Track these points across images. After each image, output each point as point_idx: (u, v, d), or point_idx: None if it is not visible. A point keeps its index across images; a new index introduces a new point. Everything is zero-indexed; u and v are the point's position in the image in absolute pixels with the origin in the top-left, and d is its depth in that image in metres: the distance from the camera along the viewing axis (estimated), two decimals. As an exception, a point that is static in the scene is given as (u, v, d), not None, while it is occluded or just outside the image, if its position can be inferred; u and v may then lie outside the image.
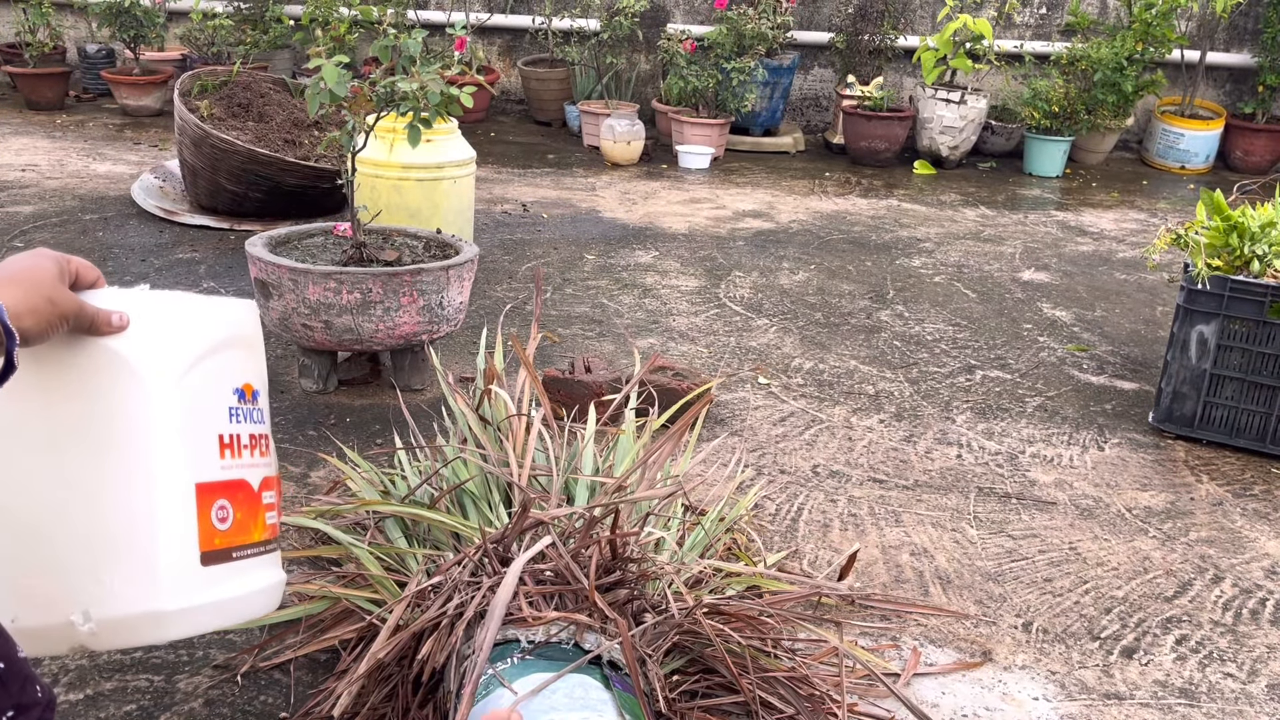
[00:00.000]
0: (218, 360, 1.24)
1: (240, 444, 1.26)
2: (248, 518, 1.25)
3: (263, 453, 1.30)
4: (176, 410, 1.19)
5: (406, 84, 2.49)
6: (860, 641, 1.90)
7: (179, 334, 1.22)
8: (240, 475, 1.25)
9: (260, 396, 1.31)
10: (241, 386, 1.27)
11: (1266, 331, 2.65)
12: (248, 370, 1.29)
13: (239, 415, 1.26)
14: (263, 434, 1.31)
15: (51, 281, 1.08)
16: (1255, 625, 2.03)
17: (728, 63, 6.12)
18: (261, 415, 1.30)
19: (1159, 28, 6.08)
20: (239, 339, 1.29)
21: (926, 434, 2.78)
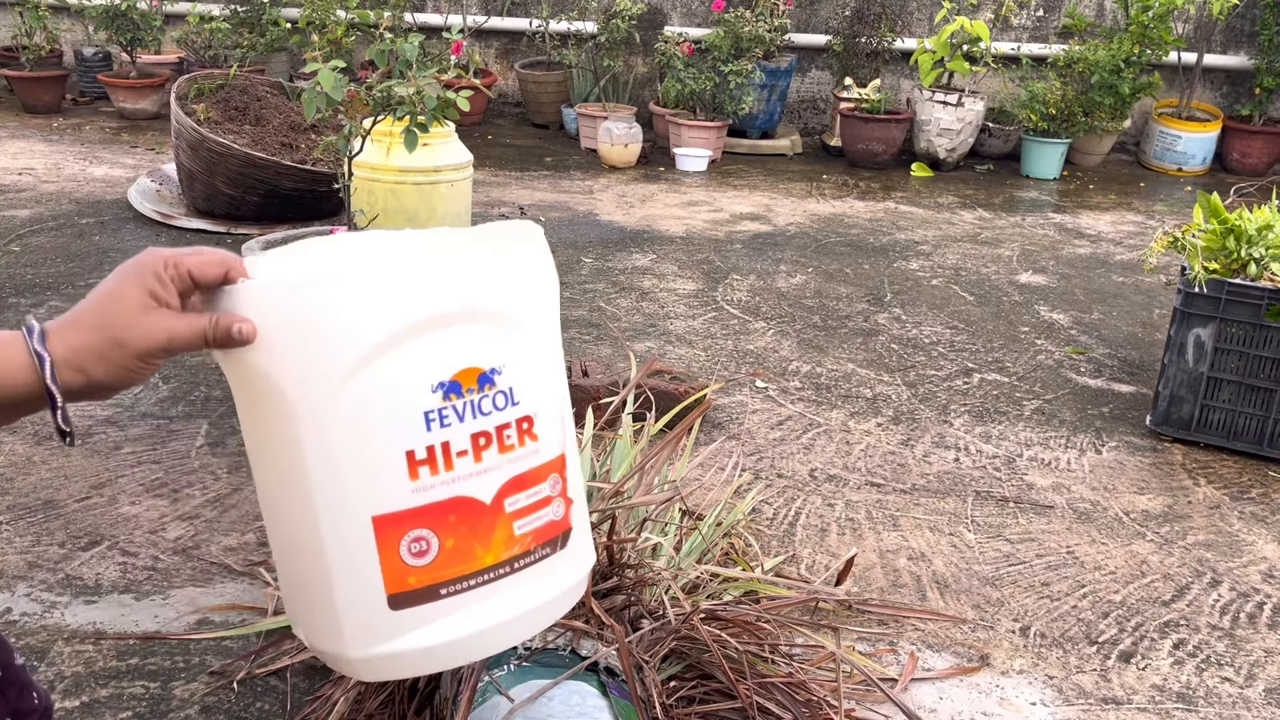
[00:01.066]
0: (410, 350, 0.96)
1: (450, 454, 0.97)
2: (468, 541, 0.98)
3: (505, 446, 1.00)
4: (331, 432, 0.95)
5: (403, 88, 2.49)
6: (858, 646, 1.89)
7: (336, 331, 0.93)
8: (453, 493, 0.97)
9: (504, 374, 0.99)
10: (453, 377, 0.97)
11: (1263, 334, 2.65)
12: (473, 349, 0.98)
13: (446, 417, 0.97)
14: (511, 422, 1.00)
15: (126, 316, 0.88)
16: (1253, 629, 2.03)
17: (725, 65, 6.12)
18: (508, 398, 1.00)
19: (1156, 30, 6.08)
20: (462, 310, 0.97)
21: (924, 437, 2.78)
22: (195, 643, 1.80)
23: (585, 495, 1.12)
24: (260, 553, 2.07)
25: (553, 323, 1.07)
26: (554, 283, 1.08)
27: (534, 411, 1.02)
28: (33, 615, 1.85)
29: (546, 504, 1.03)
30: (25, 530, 2.11)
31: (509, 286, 1.01)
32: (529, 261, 1.04)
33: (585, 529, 1.10)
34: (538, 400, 1.03)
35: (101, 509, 2.20)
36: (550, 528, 1.04)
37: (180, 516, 2.20)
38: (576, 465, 1.09)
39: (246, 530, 2.16)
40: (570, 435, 1.08)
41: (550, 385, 1.04)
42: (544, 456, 1.03)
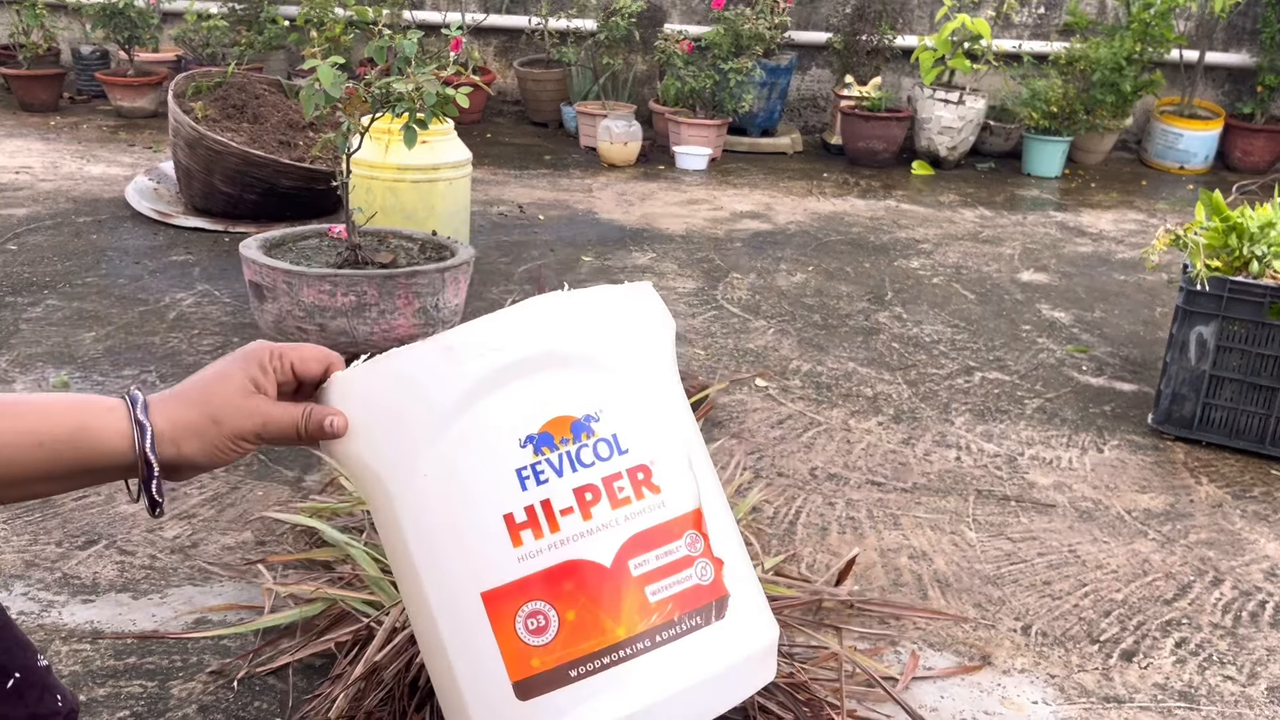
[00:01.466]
0: (490, 405, 0.89)
1: (553, 512, 0.88)
2: (592, 612, 0.87)
3: (619, 500, 0.90)
4: (425, 506, 0.90)
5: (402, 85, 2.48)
6: (859, 645, 1.88)
7: (412, 398, 0.90)
8: (564, 557, 0.88)
9: (604, 419, 0.91)
10: (541, 429, 0.89)
11: (1265, 333, 2.64)
12: (560, 396, 0.90)
13: (541, 473, 0.88)
14: (621, 472, 0.90)
15: (226, 396, 0.90)
16: (1255, 628, 2.02)
17: (725, 63, 6.11)
18: (613, 446, 0.90)
19: (1157, 28, 6.07)
20: (539, 355, 0.90)
21: (925, 436, 2.77)
22: (193, 642, 1.79)
23: (747, 559, 0.99)
24: (258, 552, 2.06)
25: (663, 364, 0.98)
26: (663, 324, 1.00)
27: (650, 460, 0.91)
28: (30, 614, 1.84)
29: (685, 565, 0.91)
30: (22, 529, 2.10)
31: (594, 327, 0.93)
32: (619, 302, 0.96)
33: (754, 597, 0.96)
34: (653, 447, 0.92)
35: (99, 508, 2.19)
36: (696, 594, 0.91)
37: (178, 515, 2.19)
38: (727, 522, 0.96)
39: (244, 529, 2.15)
40: (711, 487, 0.96)
41: (669, 430, 0.94)
42: (672, 511, 0.91)
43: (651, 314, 0.99)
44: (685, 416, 0.98)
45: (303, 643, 1.75)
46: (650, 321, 0.98)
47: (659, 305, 1.01)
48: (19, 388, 2.74)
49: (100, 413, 0.87)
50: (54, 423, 0.85)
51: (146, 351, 3.02)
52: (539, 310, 0.91)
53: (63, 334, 3.11)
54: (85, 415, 0.87)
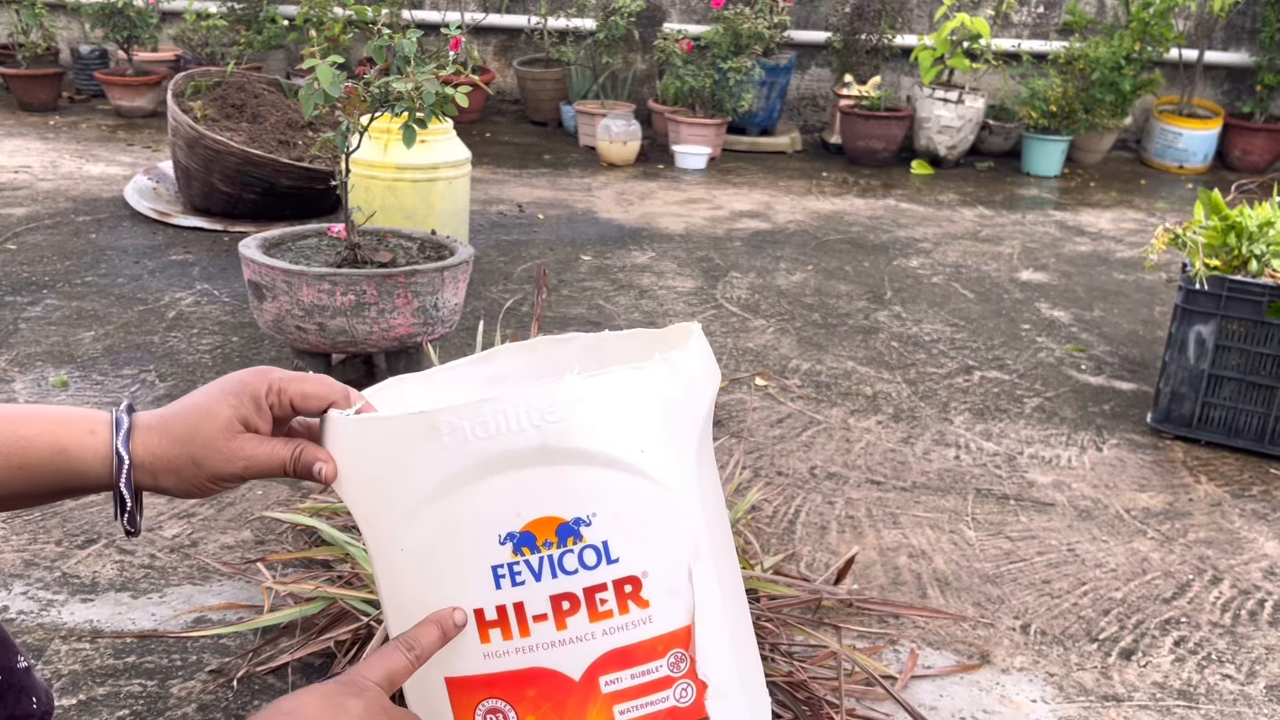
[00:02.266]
0: (474, 494, 0.83)
1: (525, 617, 0.83)
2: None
3: (599, 613, 0.83)
4: (400, 577, 0.87)
5: (401, 84, 2.48)
6: (858, 644, 1.88)
7: (396, 469, 0.85)
8: (530, 663, 0.83)
9: (595, 525, 0.83)
10: (524, 528, 0.83)
11: (1264, 331, 2.64)
12: (551, 495, 0.83)
13: (518, 574, 0.83)
14: (606, 583, 0.84)
15: (209, 437, 0.87)
16: (1254, 626, 2.02)
17: (724, 62, 6.11)
18: (601, 554, 0.84)
19: (1157, 27, 6.08)
20: (532, 448, 0.83)
21: (924, 435, 2.77)
22: (192, 641, 1.79)
23: (749, 665, 0.92)
24: (257, 550, 2.06)
25: (685, 455, 0.87)
26: (702, 393, 0.90)
27: (642, 571, 0.84)
28: (30, 613, 1.84)
29: (664, 686, 0.85)
30: (22, 528, 2.10)
31: (599, 421, 0.83)
32: (638, 388, 0.85)
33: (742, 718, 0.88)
34: (649, 557, 0.85)
35: (98, 507, 2.19)
36: (669, 717, 0.85)
37: (177, 515, 2.19)
38: (725, 634, 0.88)
39: (243, 528, 2.15)
40: (714, 597, 0.88)
41: (673, 537, 0.86)
42: (659, 628, 0.84)
43: (682, 391, 0.88)
44: (703, 516, 0.89)
45: (302, 641, 1.75)
46: (679, 402, 0.88)
47: (698, 371, 0.90)
48: (18, 387, 2.74)
49: (82, 435, 0.87)
50: (35, 445, 0.86)
51: (145, 351, 3.02)
52: (538, 396, 0.82)
53: (62, 333, 3.11)
54: (66, 438, 0.87)
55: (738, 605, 0.93)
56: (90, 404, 2.66)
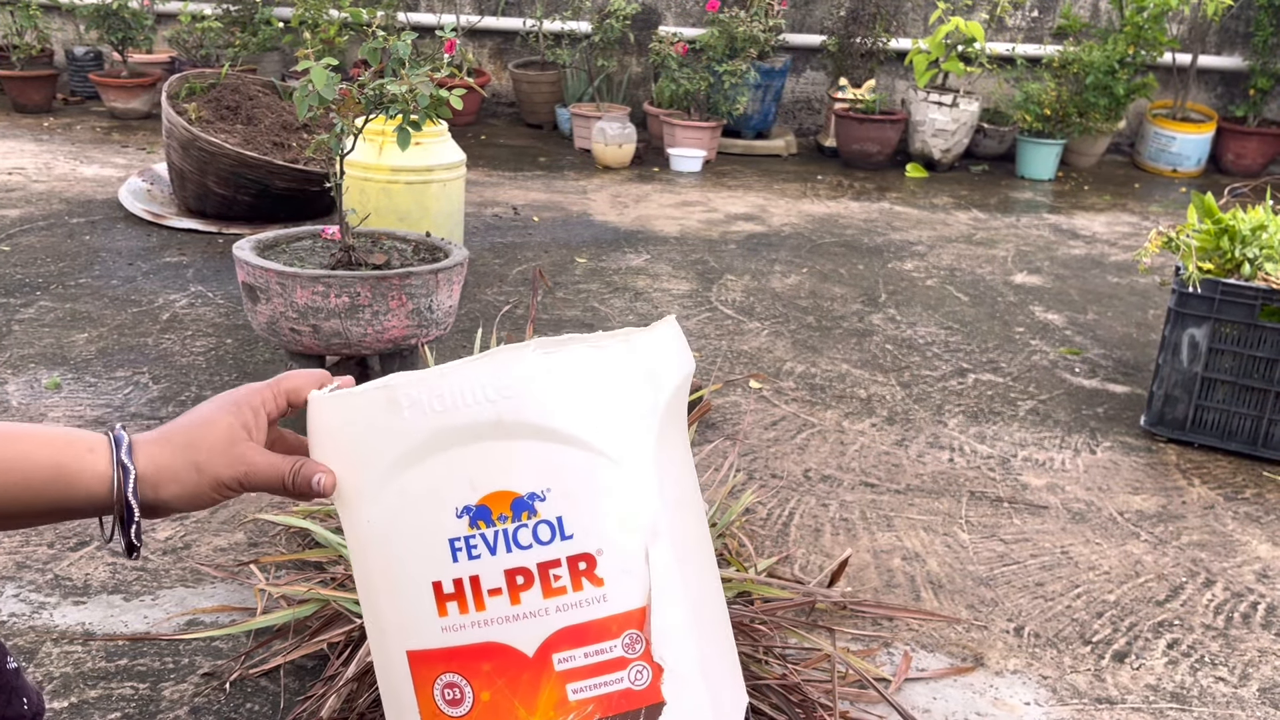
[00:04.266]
0: (434, 467, 0.85)
1: (480, 591, 0.84)
2: (507, 698, 0.84)
3: (553, 589, 0.84)
4: (367, 553, 0.89)
5: (395, 86, 2.48)
6: (851, 647, 1.88)
7: (363, 442, 0.87)
8: (485, 637, 0.84)
9: (550, 500, 0.84)
10: (480, 501, 0.83)
11: (1257, 335, 2.65)
12: (506, 469, 0.84)
13: (474, 548, 0.84)
14: (560, 559, 0.84)
15: (210, 443, 0.88)
16: (1247, 629, 2.02)
17: (719, 65, 6.12)
18: (555, 529, 0.84)
19: (1150, 31, 6.09)
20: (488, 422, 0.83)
21: (918, 438, 2.77)
22: (185, 643, 1.79)
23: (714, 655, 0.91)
24: (250, 553, 2.06)
25: (645, 438, 0.87)
26: (668, 380, 0.90)
27: (596, 549, 0.84)
28: (21, 616, 1.84)
29: (618, 667, 0.84)
30: (13, 531, 2.09)
31: (555, 397, 0.84)
32: (598, 367, 0.86)
33: (701, 706, 0.88)
34: (604, 535, 0.85)
35: (91, 509, 2.18)
36: (624, 698, 0.84)
37: (170, 517, 2.18)
38: (684, 619, 0.88)
39: (236, 530, 2.14)
40: (672, 580, 0.87)
41: (630, 517, 0.86)
42: (613, 607, 0.84)
43: (642, 376, 0.88)
44: (659, 498, 0.88)
45: (295, 644, 1.75)
46: (638, 386, 0.88)
47: (661, 359, 0.90)
48: (11, 389, 2.73)
49: (81, 453, 0.86)
50: (33, 464, 0.85)
51: (139, 353, 3.01)
52: (494, 371, 0.83)
53: (55, 335, 3.10)
54: (65, 456, 0.86)
55: (705, 591, 0.93)
56: (84, 406, 2.65)
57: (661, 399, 0.90)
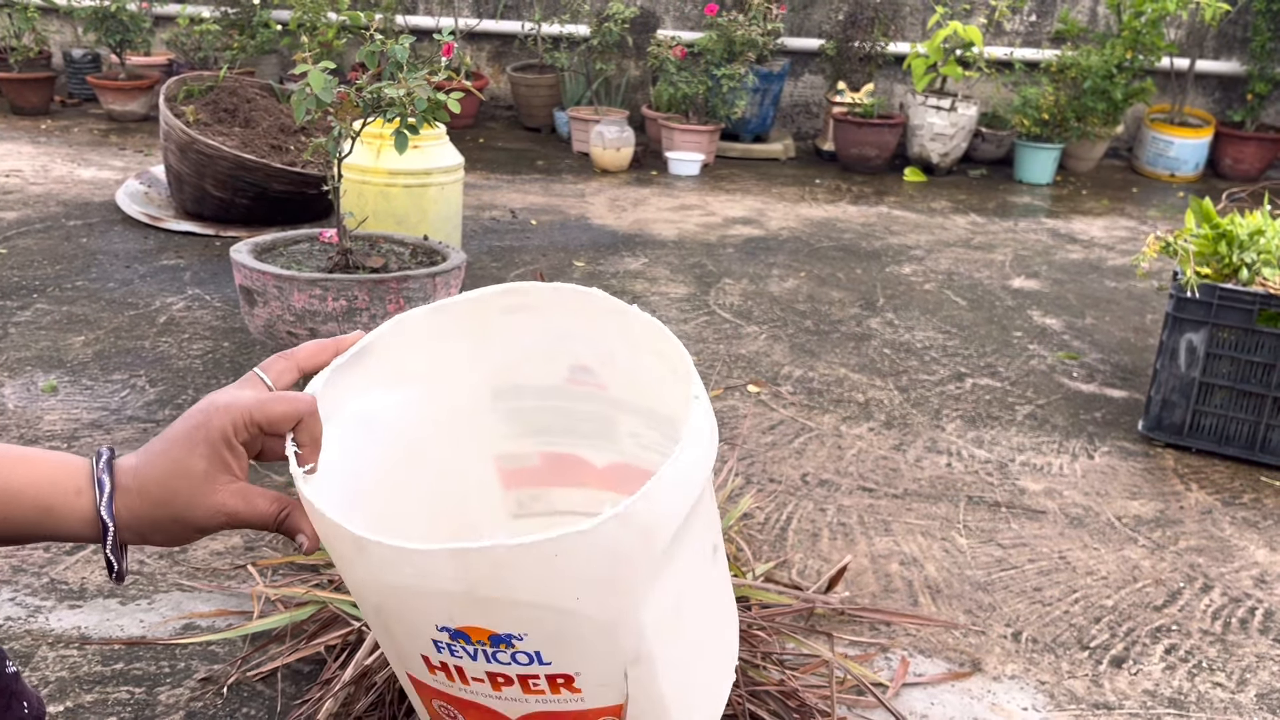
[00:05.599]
0: (405, 600, 0.87)
1: (465, 676, 0.89)
2: None
3: (532, 690, 0.87)
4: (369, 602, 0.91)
5: (393, 90, 2.47)
6: (849, 652, 1.88)
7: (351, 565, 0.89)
8: (469, 698, 0.90)
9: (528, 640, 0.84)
10: (459, 628, 0.84)
11: (1255, 340, 2.65)
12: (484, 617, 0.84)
13: (456, 653, 0.87)
14: (540, 675, 0.86)
15: (189, 494, 0.87)
16: (1244, 634, 2.02)
17: (718, 69, 6.12)
18: (534, 659, 0.85)
19: (1148, 36, 6.10)
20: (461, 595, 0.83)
21: (916, 442, 2.77)
22: (181, 648, 1.78)
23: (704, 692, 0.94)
24: (247, 555, 2.06)
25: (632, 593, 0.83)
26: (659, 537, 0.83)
27: (575, 672, 0.84)
28: (17, 620, 1.83)
29: None
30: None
31: (544, 578, 0.79)
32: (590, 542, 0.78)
33: None
34: (581, 664, 0.84)
35: (87, 512, 2.18)
36: None
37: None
38: (666, 701, 0.88)
39: (232, 534, 2.14)
40: (654, 680, 0.87)
41: (608, 654, 0.84)
42: (590, 704, 0.86)
43: (639, 539, 0.81)
44: (648, 627, 0.84)
45: (292, 647, 1.75)
46: (634, 554, 0.81)
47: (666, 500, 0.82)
48: (7, 392, 2.73)
49: (68, 497, 0.88)
50: (19, 502, 0.87)
51: (136, 356, 3.01)
52: (466, 560, 0.79)
53: (52, 338, 3.10)
54: (52, 498, 0.87)
55: (701, 634, 0.93)
56: (80, 409, 2.65)
57: (658, 546, 0.83)
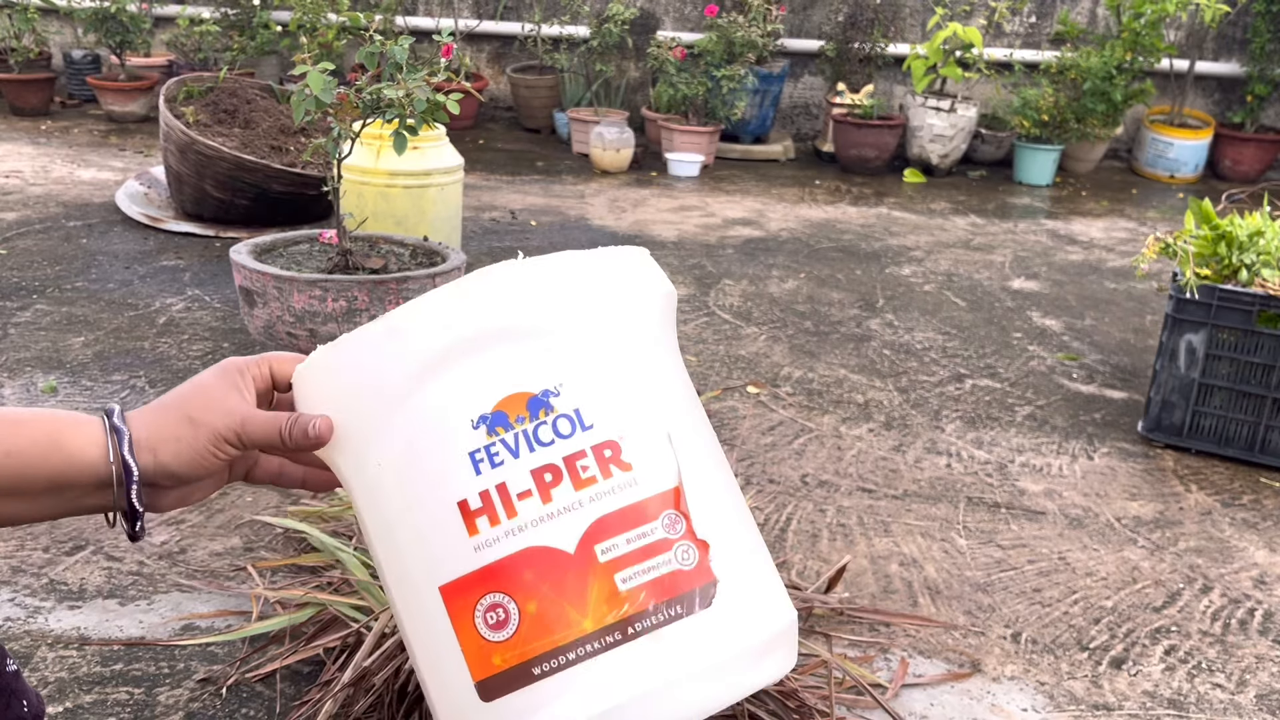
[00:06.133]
0: (440, 387, 0.83)
1: (509, 497, 0.81)
2: (556, 603, 0.80)
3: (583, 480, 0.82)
4: (382, 497, 0.86)
5: (392, 91, 2.48)
6: (848, 653, 1.88)
7: (361, 384, 0.85)
8: (523, 544, 0.81)
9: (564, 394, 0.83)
10: (495, 408, 0.82)
11: (1254, 341, 2.65)
12: (515, 372, 0.83)
13: (496, 455, 0.82)
14: (585, 449, 0.83)
15: (202, 397, 0.86)
16: (1244, 635, 2.02)
17: (718, 70, 6.12)
18: (575, 422, 0.83)
19: (1148, 37, 6.10)
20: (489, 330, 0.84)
21: (916, 443, 2.77)
22: (180, 648, 1.78)
23: (751, 538, 0.90)
24: (246, 557, 2.06)
25: (642, 331, 0.88)
26: (648, 288, 0.91)
27: (619, 435, 0.83)
28: (16, 620, 1.83)
29: (663, 549, 0.81)
30: (8, 535, 2.09)
31: (551, 295, 0.85)
32: (584, 267, 0.88)
33: (753, 581, 0.86)
34: (623, 421, 0.83)
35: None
36: (675, 580, 0.81)
37: (166, 521, 2.18)
38: (720, 499, 0.87)
39: (232, 534, 2.14)
40: (699, 462, 0.87)
41: (644, 403, 0.85)
42: (646, 490, 0.82)
43: (630, 278, 0.90)
44: (668, 387, 0.88)
45: (291, 649, 1.75)
46: (628, 286, 0.89)
47: (645, 270, 0.92)
48: (7, 392, 2.73)
49: (74, 424, 0.85)
50: (25, 432, 0.83)
51: (136, 356, 3.01)
52: (489, 281, 0.84)
53: (51, 339, 3.10)
54: (58, 426, 0.84)
55: (728, 481, 0.92)
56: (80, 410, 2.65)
57: (653, 298, 0.91)
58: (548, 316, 0.85)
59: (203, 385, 0.88)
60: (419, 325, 0.83)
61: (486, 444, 0.82)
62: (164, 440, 0.85)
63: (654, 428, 0.85)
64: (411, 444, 0.83)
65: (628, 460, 0.83)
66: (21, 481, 0.83)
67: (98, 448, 0.84)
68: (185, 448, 0.85)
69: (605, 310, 0.87)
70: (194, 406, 0.86)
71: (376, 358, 0.84)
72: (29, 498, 0.84)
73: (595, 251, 0.90)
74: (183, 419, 0.85)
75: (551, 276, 0.86)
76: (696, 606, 0.81)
